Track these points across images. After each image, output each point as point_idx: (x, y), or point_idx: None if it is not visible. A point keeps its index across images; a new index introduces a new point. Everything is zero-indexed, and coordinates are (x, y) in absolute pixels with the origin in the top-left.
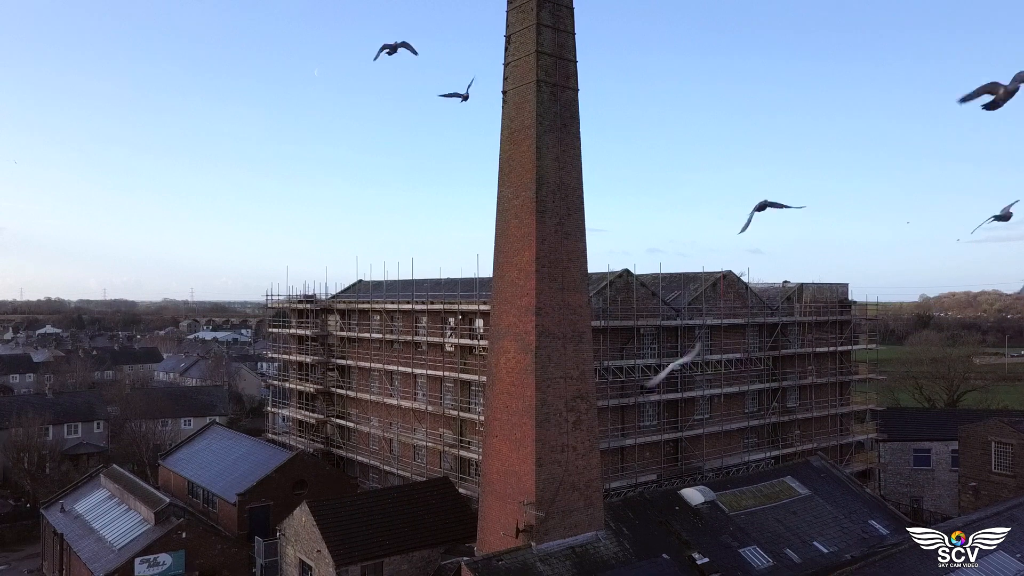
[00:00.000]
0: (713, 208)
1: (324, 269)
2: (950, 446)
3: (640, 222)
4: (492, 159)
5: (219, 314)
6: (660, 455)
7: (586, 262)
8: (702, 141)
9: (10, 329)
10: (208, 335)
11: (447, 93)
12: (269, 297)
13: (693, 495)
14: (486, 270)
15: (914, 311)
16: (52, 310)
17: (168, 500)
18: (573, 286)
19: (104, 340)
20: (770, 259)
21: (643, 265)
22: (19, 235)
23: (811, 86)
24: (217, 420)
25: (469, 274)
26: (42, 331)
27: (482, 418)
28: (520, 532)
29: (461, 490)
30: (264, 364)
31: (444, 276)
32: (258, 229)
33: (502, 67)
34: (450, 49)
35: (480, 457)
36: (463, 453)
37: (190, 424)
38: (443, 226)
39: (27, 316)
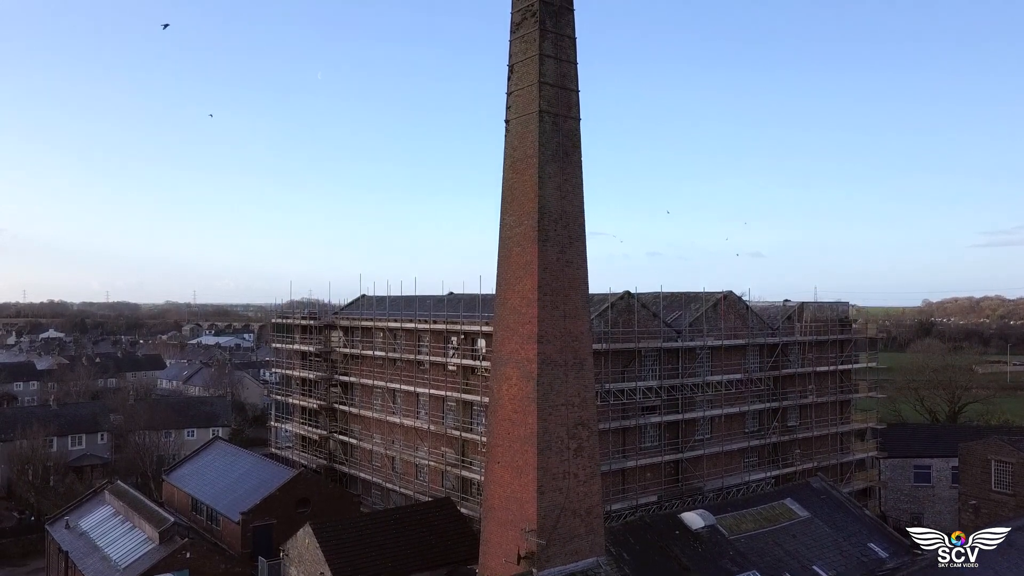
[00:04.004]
0: (714, 210)
1: (327, 274)
2: (950, 462)
3: (640, 225)
4: (495, 162)
5: (221, 318)
6: (661, 476)
7: (587, 289)
8: (702, 143)
9: (13, 333)
10: (211, 340)
11: None
12: (274, 315)
13: (693, 519)
14: (488, 285)
15: (916, 316)
16: (55, 313)
17: (172, 519)
18: (575, 313)
19: (107, 345)
20: (771, 263)
21: (643, 268)
22: (21, 237)
23: (811, 92)
24: (220, 435)
25: (472, 284)
26: (45, 335)
27: (484, 439)
28: (521, 559)
29: (463, 510)
30: (266, 371)
31: (447, 288)
32: (260, 230)
33: (505, 96)
34: (453, 54)
35: (481, 478)
36: (465, 473)
37: (193, 435)
38: (446, 227)
39: (30, 320)
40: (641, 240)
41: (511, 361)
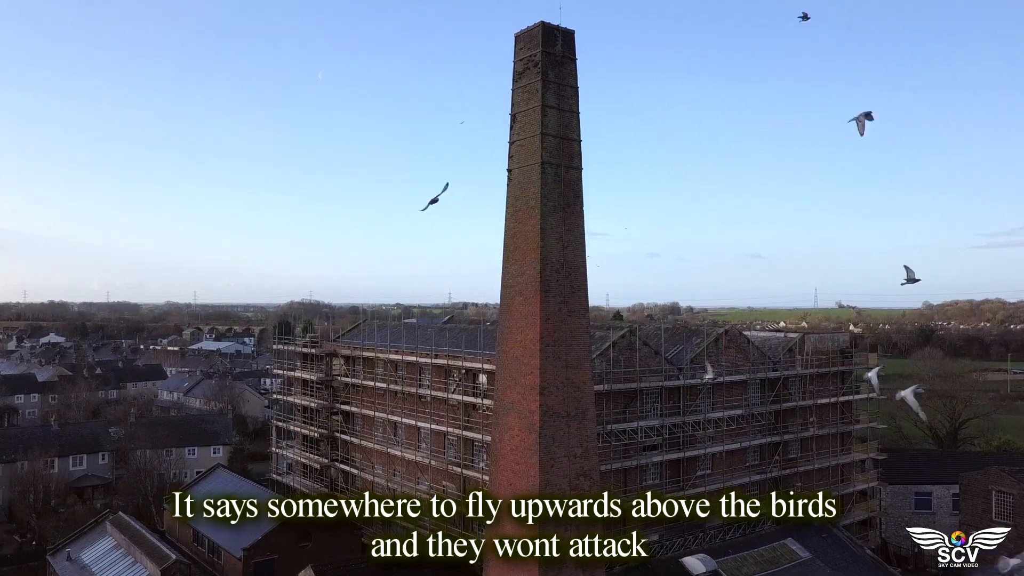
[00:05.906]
0: (715, 211)
1: (328, 274)
2: (951, 489)
3: (640, 226)
4: (500, 170)
5: (222, 320)
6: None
7: (589, 339)
8: (704, 144)
9: (13, 338)
10: (211, 346)
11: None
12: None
13: (695, 564)
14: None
15: (917, 319)
16: (55, 315)
17: (174, 557)
18: (577, 363)
19: (108, 351)
20: (770, 264)
21: (643, 269)
22: (22, 237)
23: (813, 93)
24: (221, 454)
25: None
26: (46, 340)
27: (485, 477)
28: None
29: None
30: (268, 380)
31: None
32: (260, 231)
33: (508, 145)
34: (457, 67)
35: None
36: None
37: (194, 453)
38: (447, 226)
39: (31, 323)
40: (642, 241)
41: (513, 411)
